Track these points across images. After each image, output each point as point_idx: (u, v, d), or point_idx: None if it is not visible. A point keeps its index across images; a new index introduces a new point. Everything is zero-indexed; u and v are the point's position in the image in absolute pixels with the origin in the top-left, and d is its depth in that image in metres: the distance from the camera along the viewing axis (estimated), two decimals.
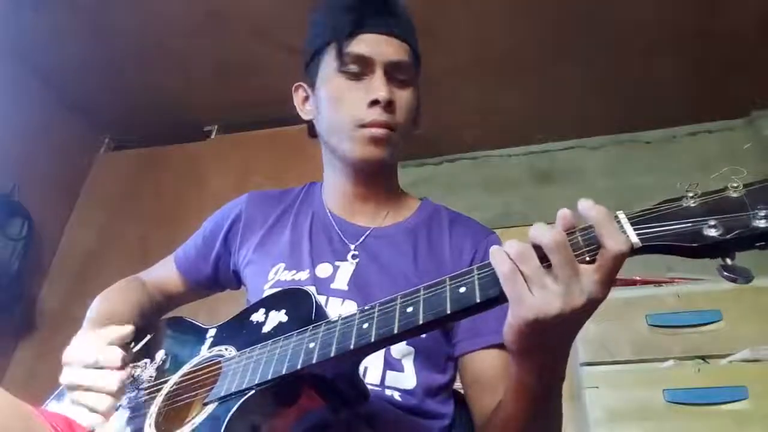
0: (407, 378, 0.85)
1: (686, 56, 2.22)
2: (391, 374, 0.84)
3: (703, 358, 1.52)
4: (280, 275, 0.94)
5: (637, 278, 1.78)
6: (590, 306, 0.55)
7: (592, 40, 2.18)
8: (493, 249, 0.58)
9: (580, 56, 2.25)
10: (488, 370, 0.85)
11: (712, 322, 1.54)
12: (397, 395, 0.83)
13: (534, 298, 0.54)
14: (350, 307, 0.87)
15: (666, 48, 2.18)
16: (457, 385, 0.94)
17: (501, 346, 0.85)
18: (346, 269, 0.93)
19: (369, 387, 0.73)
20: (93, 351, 0.78)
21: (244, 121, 2.62)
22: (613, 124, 2.60)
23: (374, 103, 0.91)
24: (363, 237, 0.98)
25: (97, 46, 2.34)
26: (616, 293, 1.65)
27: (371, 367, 0.84)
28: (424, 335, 0.86)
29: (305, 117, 1.05)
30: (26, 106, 2.40)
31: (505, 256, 0.56)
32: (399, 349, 0.86)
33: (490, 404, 0.80)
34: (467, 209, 1.06)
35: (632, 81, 2.33)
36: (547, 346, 0.60)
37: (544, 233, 0.55)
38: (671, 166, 2.45)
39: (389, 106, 0.92)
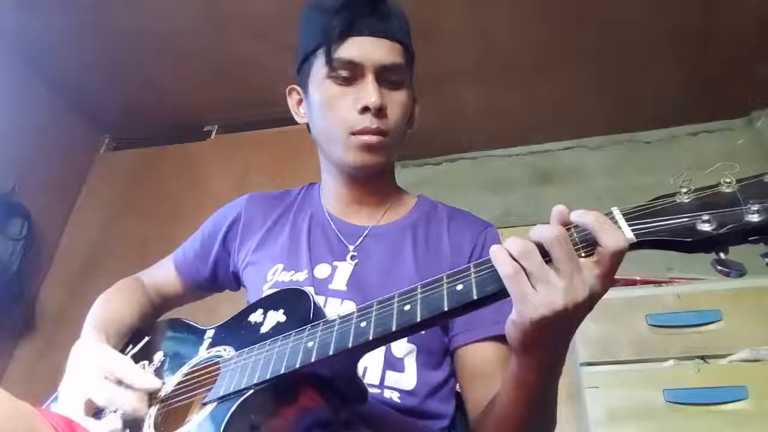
0: (407, 378, 0.85)
1: (686, 56, 2.22)
2: (391, 374, 0.84)
3: (703, 358, 1.51)
4: (278, 276, 0.94)
5: (637, 278, 1.78)
6: (591, 300, 0.56)
7: (592, 40, 2.18)
8: (494, 249, 0.57)
9: (580, 56, 2.25)
10: (484, 363, 0.86)
11: (712, 322, 1.54)
12: (396, 396, 0.83)
13: (538, 295, 0.55)
14: (349, 308, 0.87)
15: (666, 48, 2.18)
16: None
17: (496, 338, 0.85)
18: (344, 269, 0.93)
19: (367, 388, 0.73)
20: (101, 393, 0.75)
21: (244, 121, 2.62)
22: (613, 124, 2.60)
23: (365, 109, 0.90)
24: (361, 237, 0.98)
25: (98, 46, 2.35)
26: (616, 293, 1.65)
27: (371, 367, 0.84)
28: (423, 332, 0.86)
29: (300, 120, 1.04)
30: (26, 106, 2.40)
31: (507, 256, 0.56)
32: (401, 347, 0.86)
33: (485, 396, 0.80)
34: (467, 209, 1.06)
35: (632, 81, 2.33)
36: (549, 342, 0.60)
37: (543, 230, 0.56)
38: (671, 166, 2.45)
39: (380, 111, 0.90)
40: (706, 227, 0.52)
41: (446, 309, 0.58)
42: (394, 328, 0.60)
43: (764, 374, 1.44)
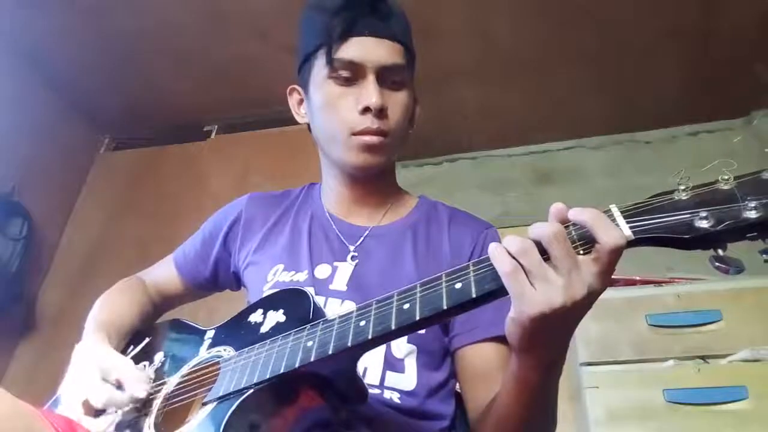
0: (407, 379, 0.85)
1: (686, 56, 2.22)
2: (391, 375, 0.84)
3: (703, 358, 1.52)
4: (279, 276, 0.94)
5: (637, 278, 1.78)
6: (590, 298, 0.56)
7: (592, 40, 2.18)
8: (493, 247, 0.57)
9: (580, 56, 2.25)
10: (484, 363, 0.85)
11: (712, 322, 1.54)
12: (396, 397, 0.83)
13: (536, 292, 0.54)
14: (349, 308, 0.87)
15: (666, 48, 2.18)
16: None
17: (497, 339, 0.85)
18: (344, 270, 0.93)
19: (368, 388, 0.73)
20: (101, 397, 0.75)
21: (244, 121, 2.63)
22: (613, 124, 2.60)
23: (366, 110, 0.90)
24: (362, 237, 0.98)
25: (98, 46, 2.35)
26: (616, 293, 1.65)
27: (371, 367, 0.84)
28: (424, 332, 0.86)
29: (301, 121, 1.04)
30: (26, 106, 2.40)
31: (506, 254, 0.56)
32: (401, 348, 0.86)
33: (485, 397, 0.80)
34: (467, 209, 1.06)
35: (632, 81, 2.33)
36: (548, 340, 0.60)
37: (542, 227, 0.56)
38: (671, 166, 2.44)
39: (381, 112, 0.90)
40: (704, 224, 0.52)
41: (445, 307, 0.58)
42: (393, 327, 0.60)
43: (764, 374, 1.44)
